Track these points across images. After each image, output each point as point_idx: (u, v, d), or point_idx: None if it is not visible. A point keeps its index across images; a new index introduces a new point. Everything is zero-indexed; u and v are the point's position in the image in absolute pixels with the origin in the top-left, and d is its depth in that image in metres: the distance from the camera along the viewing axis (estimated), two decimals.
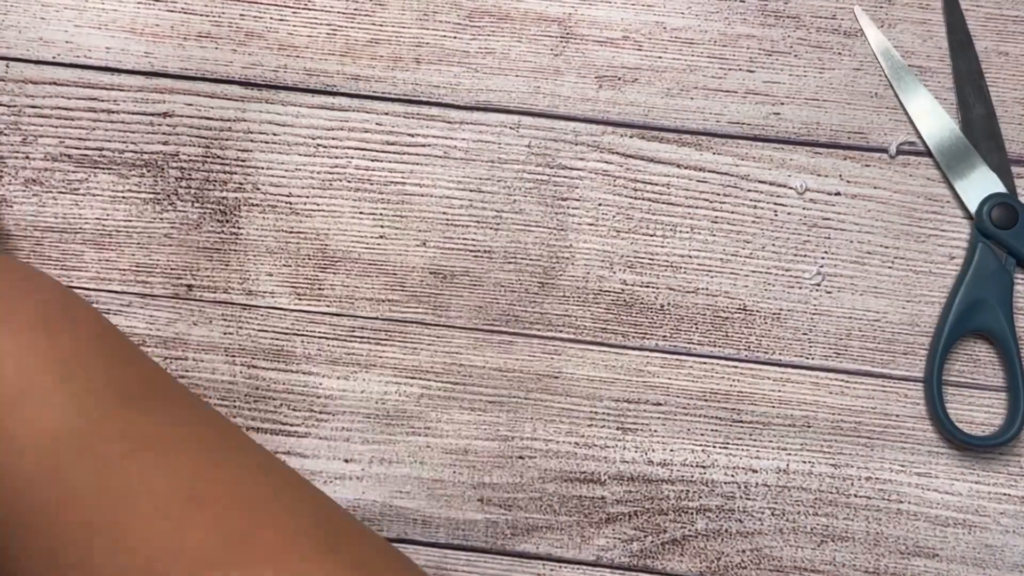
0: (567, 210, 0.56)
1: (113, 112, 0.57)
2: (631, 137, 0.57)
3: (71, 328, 0.42)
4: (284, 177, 0.55)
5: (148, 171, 0.56)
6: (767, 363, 0.55)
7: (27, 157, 0.57)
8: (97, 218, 0.56)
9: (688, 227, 0.56)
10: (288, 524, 0.37)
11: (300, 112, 0.57)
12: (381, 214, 0.56)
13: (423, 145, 0.57)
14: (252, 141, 0.57)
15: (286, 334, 0.55)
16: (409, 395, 0.55)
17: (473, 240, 0.56)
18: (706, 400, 0.55)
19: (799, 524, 0.53)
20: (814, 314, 0.55)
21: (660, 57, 0.58)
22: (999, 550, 0.53)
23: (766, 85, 0.57)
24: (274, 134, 0.57)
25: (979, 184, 0.56)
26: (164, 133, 0.57)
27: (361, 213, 0.56)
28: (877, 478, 0.54)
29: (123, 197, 0.56)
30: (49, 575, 0.37)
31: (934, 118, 0.57)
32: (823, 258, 0.56)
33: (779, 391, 0.55)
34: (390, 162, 0.56)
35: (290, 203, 0.56)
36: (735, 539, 0.53)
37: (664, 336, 0.55)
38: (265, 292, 0.56)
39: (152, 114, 0.57)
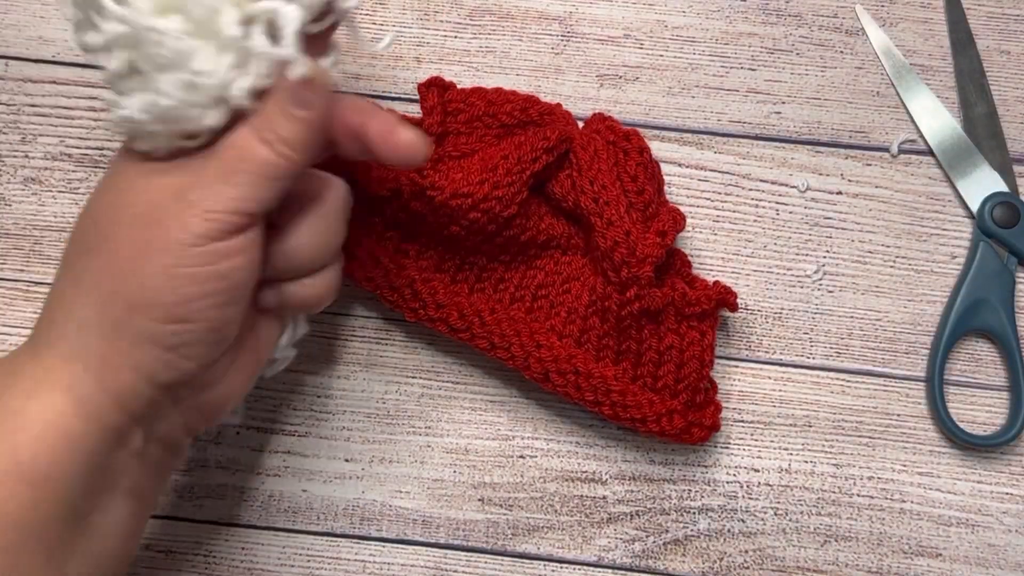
0: None
1: None
2: None
3: None
4: None
5: None
6: (768, 363, 0.55)
7: (26, 156, 0.56)
8: None
9: (689, 226, 0.55)
10: None
11: None
12: None
13: None
14: None
15: None
16: (409, 394, 0.55)
17: None
18: None
19: (802, 524, 0.53)
20: (816, 313, 0.55)
21: (661, 55, 0.57)
22: (1002, 549, 0.53)
23: (767, 84, 0.57)
24: None
25: (981, 183, 0.55)
26: None
27: None
28: (879, 478, 0.54)
29: None
30: None
31: (936, 117, 0.56)
32: (825, 257, 0.56)
33: (780, 390, 0.55)
34: None
35: None
36: (737, 539, 0.53)
37: None
38: None
39: None
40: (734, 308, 0.51)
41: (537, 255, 0.52)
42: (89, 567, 0.39)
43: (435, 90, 0.53)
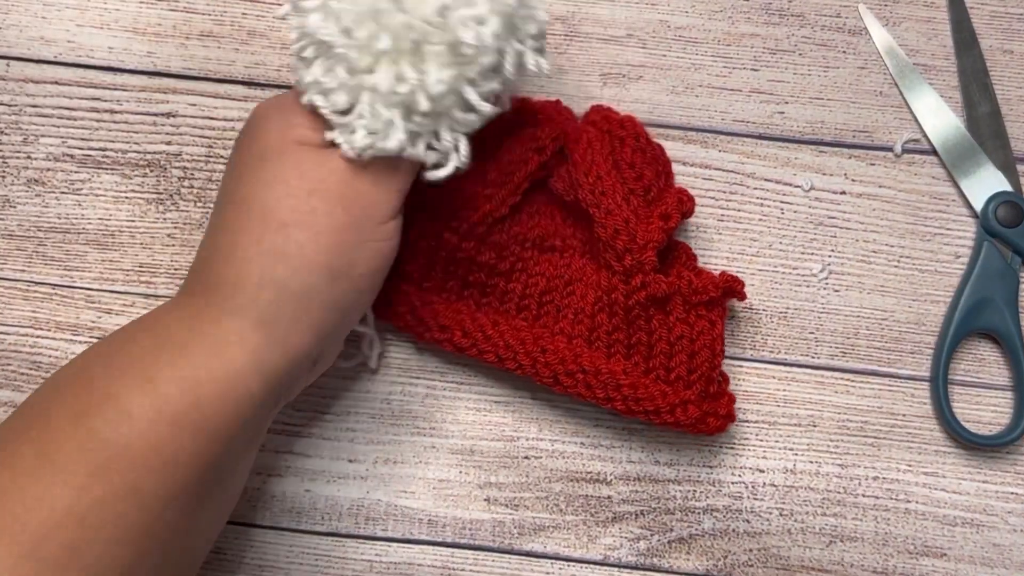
0: None
1: (116, 112, 0.57)
2: None
3: None
4: None
5: (151, 171, 0.56)
6: (773, 362, 0.55)
7: (29, 157, 0.56)
8: (100, 218, 0.56)
9: (694, 225, 0.55)
10: None
11: None
12: None
13: None
14: None
15: None
16: (414, 395, 0.54)
17: None
18: None
19: (807, 524, 0.53)
20: (821, 313, 0.55)
21: (664, 55, 0.57)
22: (1007, 549, 0.53)
23: (771, 84, 0.57)
24: None
25: (985, 183, 0.56)
26: (167, 133, 0.56)
27: None
28: (884, 478, 0.54)
29: (126, 197, 0.56)
30: None
31: (939, 116, 0.56)
32: (829, 256, 0.56)
33: (785, 390, 0.55)
34: None
35: None
36: (742, 538, 0.53)
37: None
38: None
39: (155, 114, 0.57)
40: (742, 297, 0.50)
41: (535, 260, 0.52)
42: (215, 518, 0.44)
43: None
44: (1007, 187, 0.55)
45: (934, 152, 0.56)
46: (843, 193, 0.56)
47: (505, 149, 0.51)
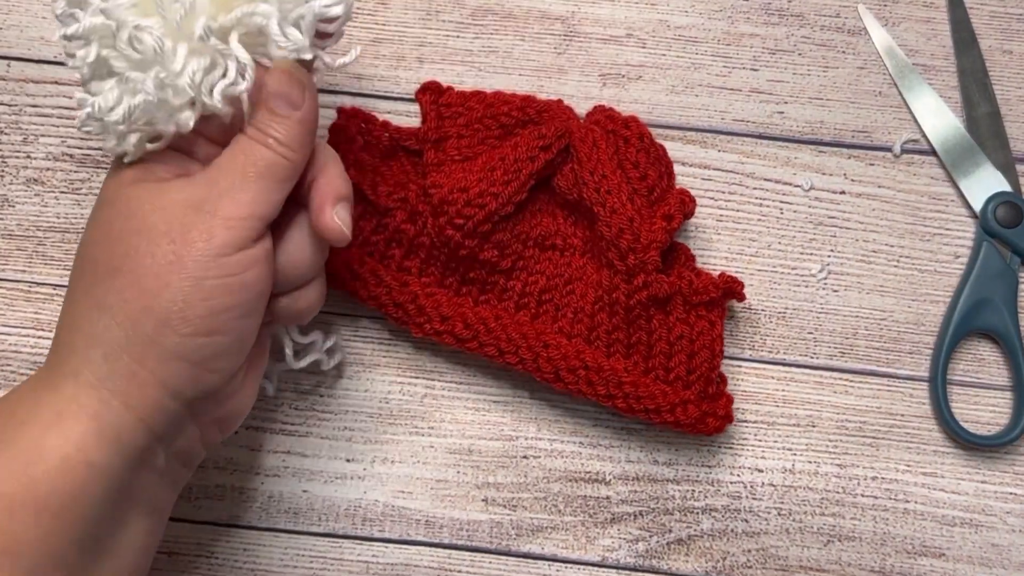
0: None
1: None
2: None
3: None
4: None
5: None
6: (772, 362, 0.55)
7: (28, 157, 0.56)
8: None
9: (693, 225, 0.55)
10: None
11: None
12: None
13: None
14: None
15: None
16: (413, 395, 0.54)
17: None
18: None
19: (805, 524, 0.53)
20: (820, 313, 0.55)
21: (664, 55, 0.57)
22: (1005, 549, 0.53)
23: (770, 84, 0.57)
24: None
25: (984, 183, 0.55)
26: None
27: None
28: (883, 478, 0.54)
29: None
30: None
31: (938, 117, 0.56)
32: (829, 256, 0.55)
33: (784, 390, 0.55)
34: None
35: None
36: (741, 539, 0.53)
37: None
38: None
39: None
40: (741, 298, 0.50)
41: (536, 259, 0.52)
42: None
43: (430, 94, 0.54)
44: (1006, 187, 0.55)
45: (933, 152, 0.56)
46: (842, 193, 0.56)
47: (511, 147, 0.51)
